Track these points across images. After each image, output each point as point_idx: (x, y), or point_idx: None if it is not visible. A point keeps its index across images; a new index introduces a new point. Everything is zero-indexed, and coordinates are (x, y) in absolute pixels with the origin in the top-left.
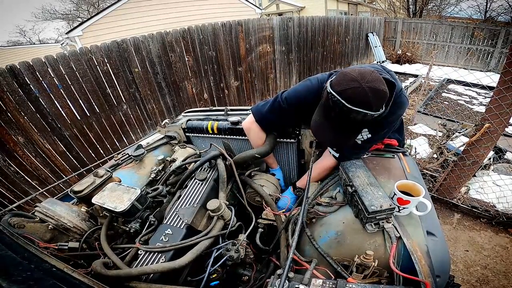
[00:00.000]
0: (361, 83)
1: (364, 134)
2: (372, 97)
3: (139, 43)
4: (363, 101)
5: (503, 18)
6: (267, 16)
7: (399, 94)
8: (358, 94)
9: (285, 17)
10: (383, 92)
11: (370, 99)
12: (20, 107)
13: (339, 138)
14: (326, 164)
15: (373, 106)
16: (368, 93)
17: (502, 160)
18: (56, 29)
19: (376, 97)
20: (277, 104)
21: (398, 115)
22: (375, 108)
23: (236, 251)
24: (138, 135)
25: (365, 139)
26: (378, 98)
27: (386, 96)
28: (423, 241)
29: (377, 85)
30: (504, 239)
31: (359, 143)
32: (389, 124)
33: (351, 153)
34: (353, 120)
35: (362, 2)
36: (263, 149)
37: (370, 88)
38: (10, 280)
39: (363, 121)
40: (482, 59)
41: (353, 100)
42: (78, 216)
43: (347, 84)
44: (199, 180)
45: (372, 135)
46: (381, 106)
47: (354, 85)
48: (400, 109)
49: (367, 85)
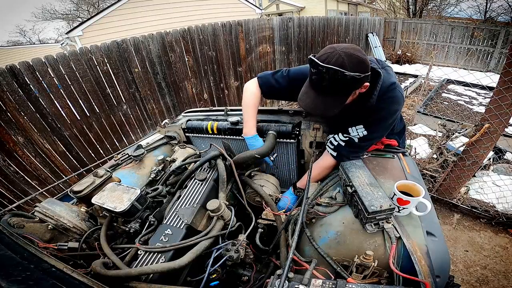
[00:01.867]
0: (336, 49)
1: (359, 131)
2: (347, 59)
3: (139, 43)
4: (337, 62)
5: (503, 18)
6: (267, 16)
7: (391, 88)
8: (332, 56)
9: (285, 17)
10: (358, 57)
11: (345, 60)
12: (20, 107)
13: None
14: (325, 163)
15: (347, 67)
16: (342, 56)
17: (502, 161)
18: (56, 29)
19: (350, 60)
20: (280, 73)
21: (393, 110)
22: (350, 69)
23: (236, 251)
24: (138, 135)
25: (361, 136)
26: (353, 61)
27: (363, 63)
28: (423, 241)
29: (352, 52)
30: (504, 239)
31: (356, 141)
32: (384, 120)
33: (348, 152)
34: (330, 81)
35: (362, 2)
36: (263, 149)
37: (344, 52)
38: (9, 280)
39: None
40: (482, 60)
41: (328, 61)
42: (77, 216)
43: (325, 51)
44: (199, 180)
45: (368, 133)
46: (358, 71)
47: (329, 51)
48: (394, 104)
49: (342, 50)
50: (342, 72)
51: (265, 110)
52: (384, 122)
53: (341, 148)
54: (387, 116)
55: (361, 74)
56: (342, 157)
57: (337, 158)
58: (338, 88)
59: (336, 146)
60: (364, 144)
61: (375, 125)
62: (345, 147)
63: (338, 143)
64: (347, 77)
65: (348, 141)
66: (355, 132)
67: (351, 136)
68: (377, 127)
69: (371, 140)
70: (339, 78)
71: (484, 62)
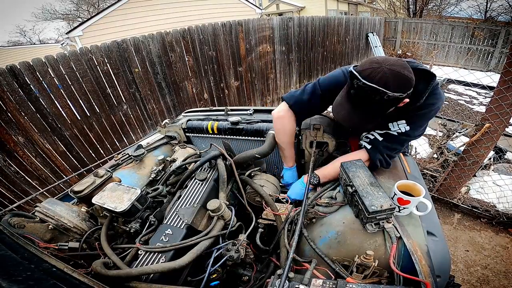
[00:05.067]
0: (381, 65)
1: (401, 126)
2: (392, 78)
3: (139, 43)
4: (381, 80)
5: (503, 18)
6: (267, 16)
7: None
8: (377, 73)
9: (285, 17)
10: (405, 77)
11: (389, 79)
12: (20, 107)
13: (355, 117)
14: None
15: (390, 86)
16: (387, 74)
17: (502, 160)
18: (56, 29)
19: (395, 80)
20: (311, 86)
21: (438, 107)
22: (393, 90)
23: (236, 251)
24: (138, 135)
25: (402, 131)
26: (398, 81)
27: (408, 82)
28: (423, 241)
29: (399, 69)
30: (505, 239)
31: (395, 135)
32: (428, 116)
33: (385, 146)
34: (370, 98)
35: (362, 2)
36: (263, 149)
37: (390, 70)
38: (10, 280)
39: (381, 103)
40: (482, 59)
41: (371, 78)
42: (78, 216)
43: (369, 65)
44: (199, 180)
45: (410, 129)
46: (401, 91)
47: (374, 66)
48: (439, 100)
49: (388, 67)
50: (385, 93)
51: (265, 110)
52: (427, 119)
53: (378, 142)
54: (432, 113)
55: (403, 94)
56: (376, 152)
57: (370, 152)
58: (376, 106)
59: (372, 140)
60: (404, 139)
61: (419, 121)
62: (383, 141)
63: (375, 137)
64: (390, 98)
65: (387, 134)
66: (396, 127)
67: (391, 131)
68: (420, 122)
69: (411, 137)
70: (380, 97)
71: (485, 61)
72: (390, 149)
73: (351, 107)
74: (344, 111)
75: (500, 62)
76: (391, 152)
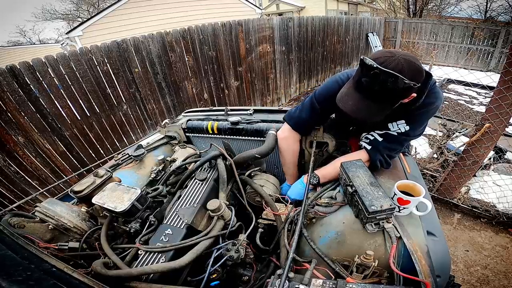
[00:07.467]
0: (395, 54)
1: (401, 126)
2: (407, 67)
3: (139, 43)
4: (397, 67)
5: (503, 18)
6: (267, 16)
7: (433, 85)
8: (391, 61)
9: (285, 17)
10: (418, 67)
11: (404, 67)
12: (20, 107)
13: (364, 108)
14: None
15: (405, 74)
16: (402, 62)
17: (502, 160)
18: (56, 29)
19: (410, 68)
20: (308, 103)
21: (437, 106)
22: (408, 77)
23: (236, 251)
24: (138, 135)
25: (402, 131)
26: (412, 70)
27: (420, 73)
28: (423, 241)
29: (411, 59)
30: (505, 239)
31: (395, 135)
32: (428, 116)
33: (385, 147)
34: (383, 86)
35: (362, 2)
36: (263, 149)
37: (404, 59)
38: (10, 280)
39: (393, 90)
40: (482, 59)
41: (386, 65)
42: (78, 216)
43: (381, 54)
44: (199, 180)
45: (410, 128)
46: (415, 80)
47: (387, 55)
48: (438, 99)
49: (402, 57)
50: (401, 79)
51: (265, 110)
52: (426, 118)
53: (378, 142)
54: (431, 112)
55: (417, 84)
56: (376, 152)
57: (370, 153)
58: (388, 95)
59: (371, 140)
60: (404, 139)
61: (418, 120)
62: (383, 142)
63: (375, 137)
64: (404, 85)
65: (386, 135)
66: (395, 127)
67: (390, 131)
68: (420, 122)
69: (411, 137)
70: (394, 85)
71: (485, 61)
72: (390, 149)
73: (360, 97)
74: (351, 101)
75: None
76: (391, 152)
